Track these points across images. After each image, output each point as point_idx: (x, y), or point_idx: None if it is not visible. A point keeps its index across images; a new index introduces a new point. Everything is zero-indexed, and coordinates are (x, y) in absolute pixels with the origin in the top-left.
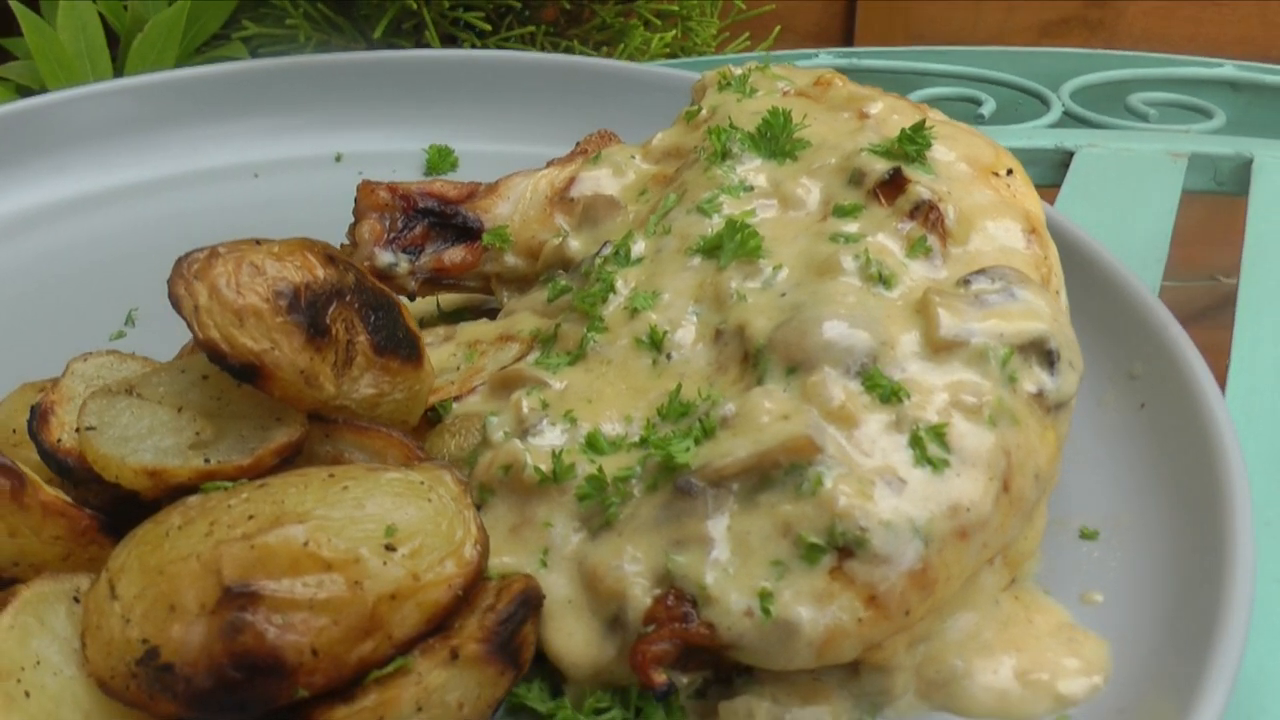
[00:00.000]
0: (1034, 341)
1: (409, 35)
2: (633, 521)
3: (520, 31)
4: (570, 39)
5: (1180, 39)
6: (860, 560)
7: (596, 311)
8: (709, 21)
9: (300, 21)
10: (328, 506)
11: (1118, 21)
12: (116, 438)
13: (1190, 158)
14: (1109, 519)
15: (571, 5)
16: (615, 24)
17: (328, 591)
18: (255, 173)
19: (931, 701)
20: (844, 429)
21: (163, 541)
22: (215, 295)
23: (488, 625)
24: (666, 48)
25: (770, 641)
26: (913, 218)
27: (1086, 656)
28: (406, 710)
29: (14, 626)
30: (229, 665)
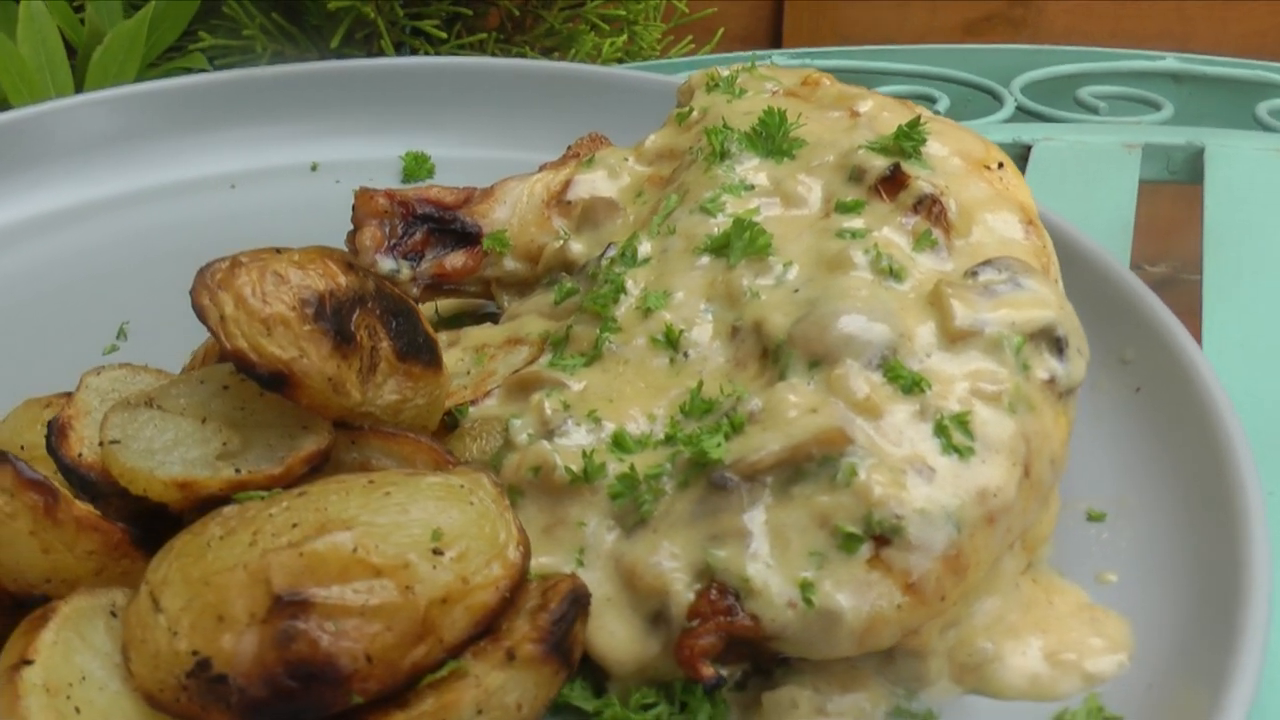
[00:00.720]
0: (1043, 329)
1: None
2: (668, 518)
3: (470, 40)
4: (519, 45)
5: (1101, 35)
6: (897, 548)
7: (609, 312)
8: (654, 26)
9: (256, 32)
10: (372, 512)
11: (1039, 19)
12: (142, 450)
13: (1144, 148)
14: (1114, 500)
15: (519, 11)
16: (563, 30)
17: (379, 597)
18: (232, 184)
19: (965, 684)
20: (871, 420)
21: (205, 553)
22: (241, 305)
23: (542, 625)
24: (618, 53)
25: (813, 631)
26: (916, 212)
27: (1110, 635)
28: (467, 713)
29: (57, 642)
30: (284, 674)
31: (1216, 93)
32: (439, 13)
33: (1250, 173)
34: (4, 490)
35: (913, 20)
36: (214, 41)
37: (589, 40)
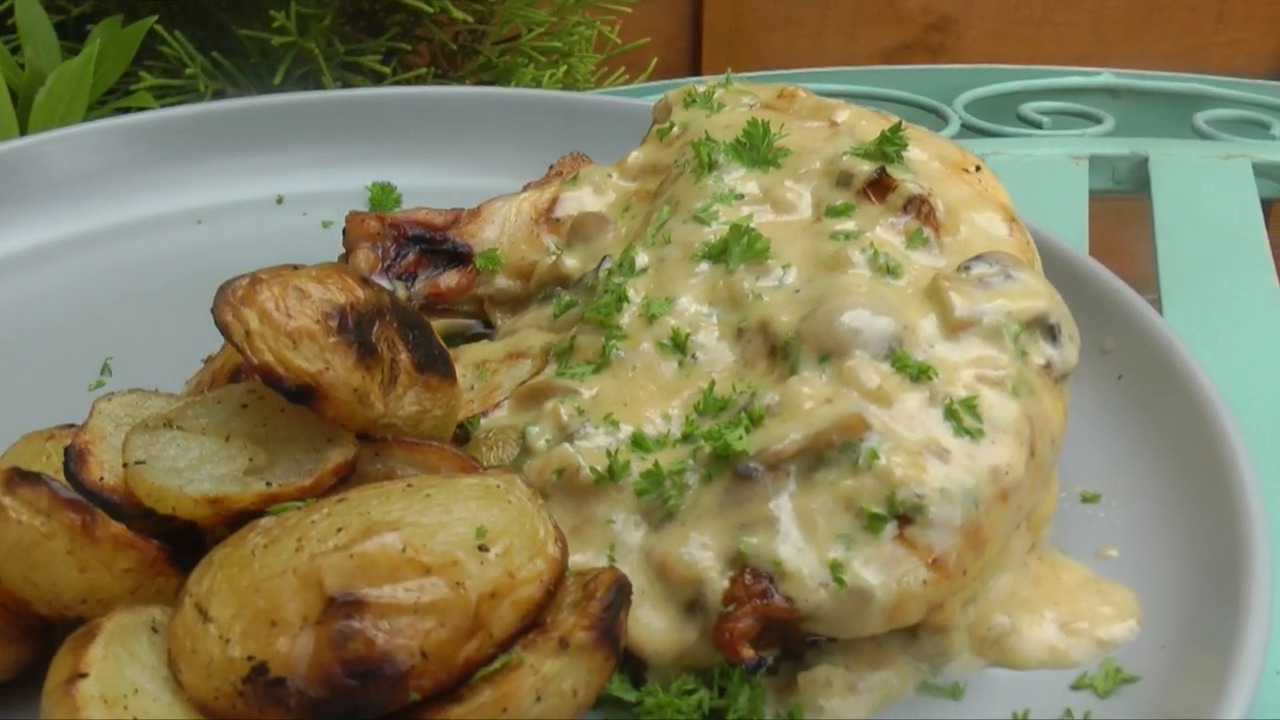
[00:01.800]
0: (1037, 318)
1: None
2: (695, 510)
3: (409, 75)
4: (459, 79)
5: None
6: (920, 526)
7: (613, 321)
8: (589, 57)
9: (198, 71)
10: (417, 513)
11: (958, 45)
12: (168, 470)
13: (1090, 160)
14: (1107, 482)
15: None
16: (499, 63)
17: (431, 595)
18: (198, 219)
19: (986, 657)
20: (884, 407)
21: (250, 562)
22: (266, 319)
23: (592, 613)
24: (557, 84)
25: (846, 609)
26: (906, 212)
27: (1118, 603)
28: (527, 701)
29: (107, 657)
30: (342, 673)
31: (1153, 106)
32: (379, 48)
33: (1195, 179)
34: (40, 511)
35: (830, 49)
36: (155, 81)
37: (528, 73)
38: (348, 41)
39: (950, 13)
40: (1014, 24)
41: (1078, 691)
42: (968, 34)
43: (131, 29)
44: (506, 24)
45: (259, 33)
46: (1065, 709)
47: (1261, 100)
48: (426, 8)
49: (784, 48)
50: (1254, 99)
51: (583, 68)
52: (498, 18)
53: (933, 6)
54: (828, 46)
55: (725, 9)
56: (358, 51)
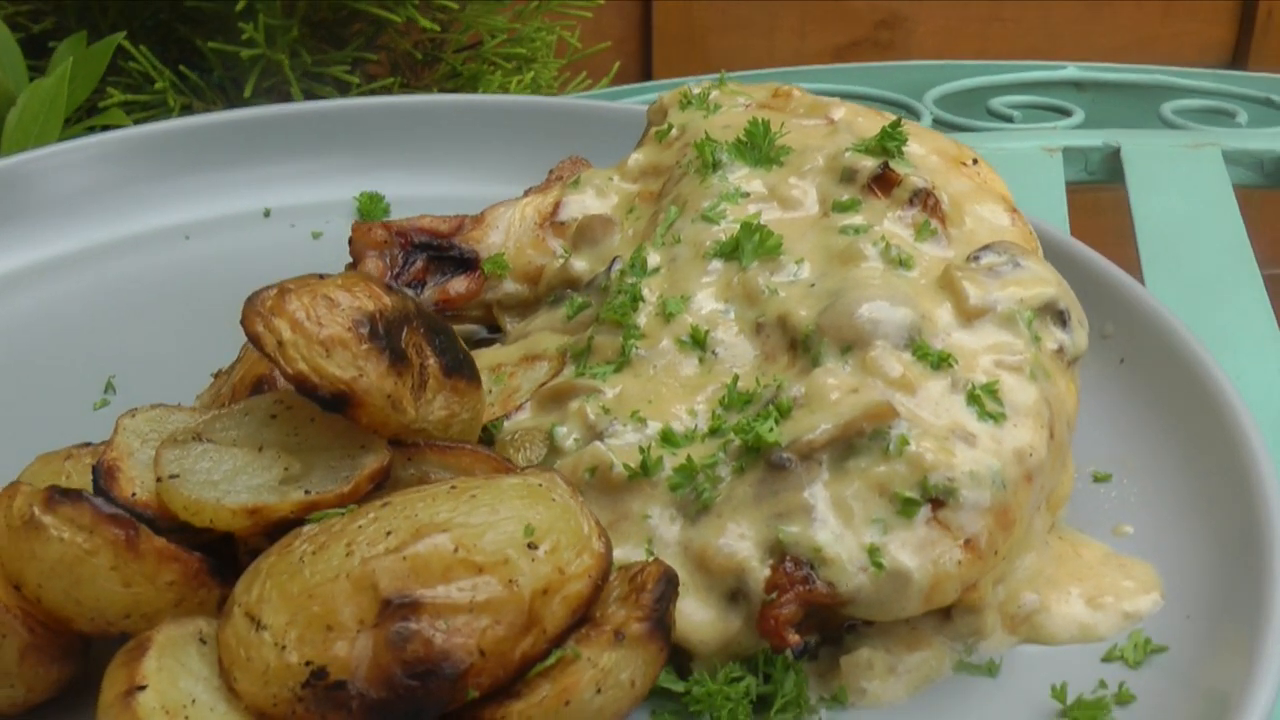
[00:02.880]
0: (1047, 304)
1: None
2: (730, 502)
3: (377, 85)
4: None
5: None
6: (952, 509)
7: (630, 320)
8: (552, 63)
9: (167, 86)
10: (464, 514)
11: (908, 42)
12: (203, 482)
13: (1063, 151)
14: (1117, 462)
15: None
16: (464, 70)
17: (485, 593)
18: (186, 234)
19: (1018, 634)
20: (908, 396)
21: (300, 568)
22: (298, 329)
23: (645, 604)
24: (525, 89)
25: (885, 592)
26: (912, 205)
27: (1139, 577)
28: (588, 694)
29: (161, 669)
30: (402, 674)
31: (1118, 98)
32: (345, 59)
33: (1167, 168)
34: (82, 528)
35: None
36: (123, 97)
37: (495, 80)
38: (314, 52)
39: (899, 9)
40: (963, 20)
41: (1109, 664)
42: (917, 31)
43: (100, 46)
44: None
45: (226, 45)
46: (1099, 680)
47: (1225, 90)
48: (394, 17)
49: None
50: (1217, 89)
51: (546, 73)
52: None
53: (881, 4)
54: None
55: (675, 12)
56: (324, 62)
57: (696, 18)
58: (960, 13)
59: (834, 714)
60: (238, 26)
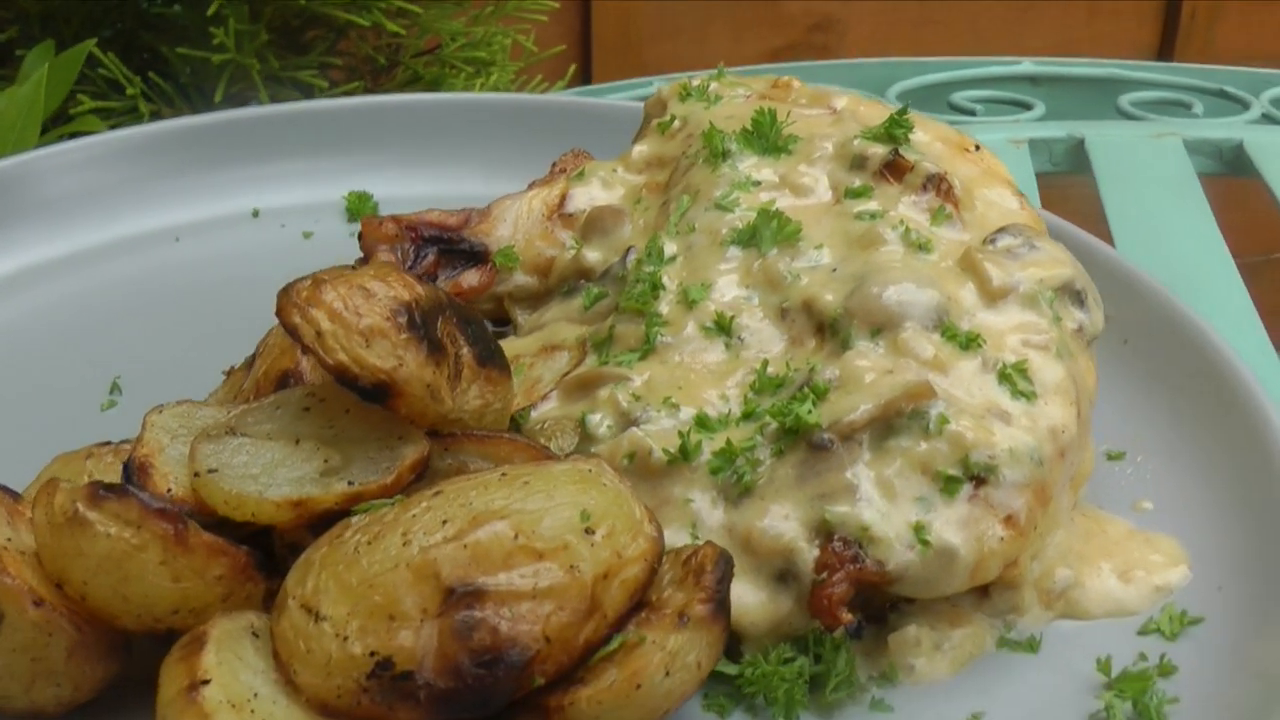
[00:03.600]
0: (1065, 284)
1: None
2: (772, 484)
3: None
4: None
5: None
6: (993, 486)
7: (651, 308)
8: (510, 66)
9: (138, 94)
10: (520, 501)
11: (840, 45)
12: (243, 476)
13: (1029, 143)
14: (1129, 440)
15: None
16: (426, 74)
17: (548, 579)
18: (176, 236)
19: (1054, 610)
20: (942, 375)
21: (356, 559)
22: (336, 319)
23: (708, 586)
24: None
25: (932, 570)
26: (925, 190)
27: (1166, 551)
28: (657, 677)
29: (221, 663)
30: (469, 663)
31: (1074, 91)
32: (311, 64)
33: (1131, 158)
34: (130, 523)
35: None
36: (94, 104)
37: (457, 83)
38: (280, 57)
39: (831, 13)
40: (894, 24)
41: (1145, 637)
42: (849, 34)
43: (71, 53)
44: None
45: (195, 51)
46: (1138, 654)
47: (1177, 82)
48: (361, 20)
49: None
50: (1171, 80)
51: (504, 77)
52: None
53: (814, 8)
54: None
55: (612, 21)
56: (291, 67)
57: (632, 26)
58: (891, 16)
59: (884, 692)
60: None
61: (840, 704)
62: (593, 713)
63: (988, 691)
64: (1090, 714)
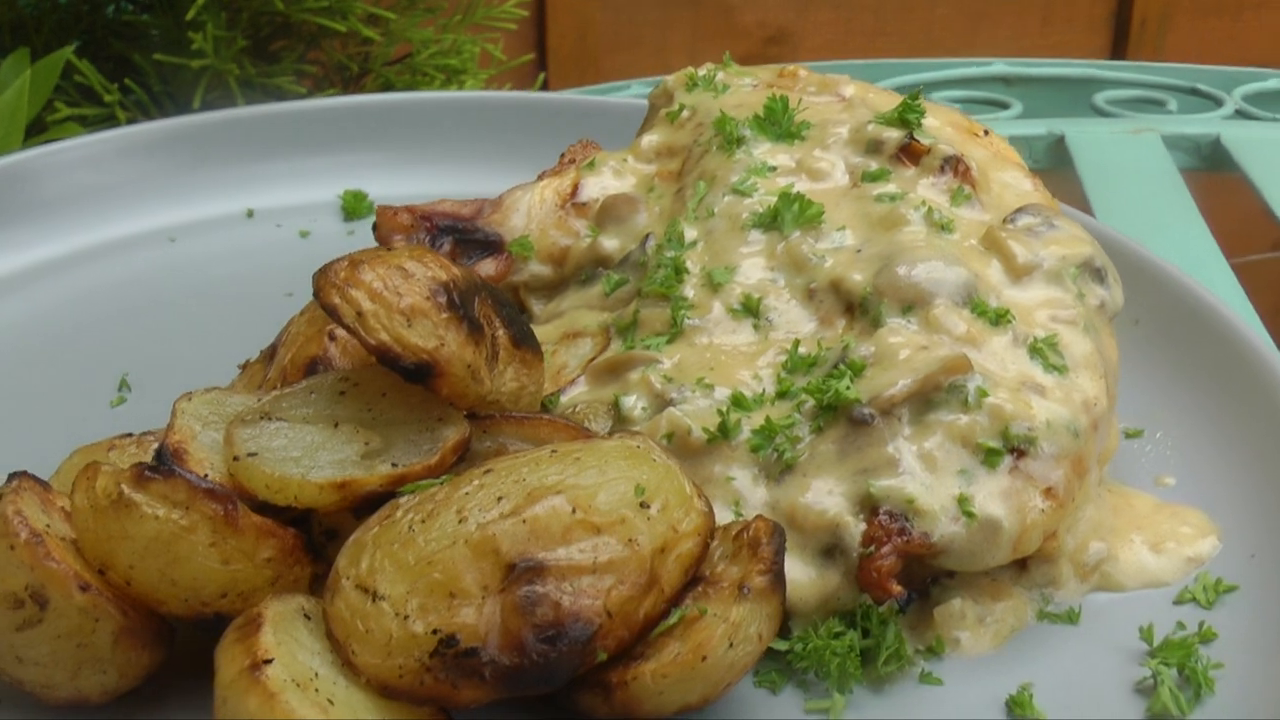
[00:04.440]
0: (1085, 261)
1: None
2: (814, 460)
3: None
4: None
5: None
6: (1033, 458)
7: (676, 292)
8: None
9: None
10: (574, 476)
11: (795, 57)
12: (284, 459)
13: (1009, 140)
14: (1146, 417)
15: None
16: (399, 82)
17: (607, 553)
18: (170, 237)
19: (1090, 583)
20: (975, 350)
21: (411, 538)
22: (377, 299)
23: (766, 557)
24: None
25: (977, 542)
26: (943, 172)
27: (1194, 523)
28: (721, 649)
29: (281, 643)
30: (533, 638)
31: (1047, 90)
32: (287, 70)
33: (1113, 153)
34: (178, 504)
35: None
36: (71, 111)
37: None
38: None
39: (786, 26)
40: (848, 35)
41: (1181, 606)
42: (804, 46)
43: (50, 60)
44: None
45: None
46: (1177, 622)
47: (1151, 80)
48: (338, 26)
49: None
50: (1143, 79)
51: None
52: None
53: (769, 20)
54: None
55: (569, 33)
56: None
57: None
58: (845, 28)
59: (931, 665)
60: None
61: (891, 677)
62: (657, 687)
63: (1033, 663)
64: (1136, 682)
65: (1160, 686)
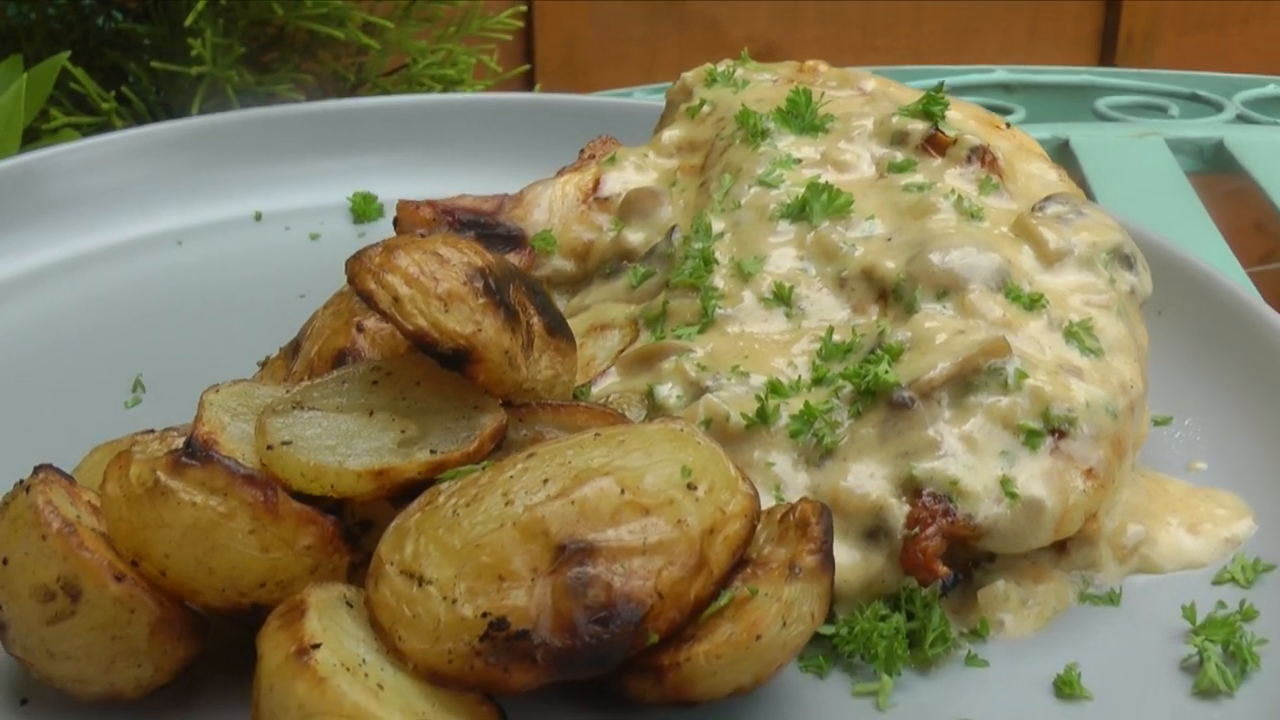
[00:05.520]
0: (1115, 248)
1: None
2: (854, 444)
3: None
4: None
5: None
6: (1073, 439)
7: (706, 282)
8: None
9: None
10: (620, 458)
11: None
12: (320, 447)
13: None
14: (1173, 405)
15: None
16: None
17: (656, 534)
18: (178, 240)
19: (1128, 565)
20: (1012, 334)
21: (456, 522)
22: (414, 284)
23: (816, 537)
24: None
25: (1020, 523)
26: (970, 163)
27: (1228, 505)
28: (775, 628)
29: (328, 628)
30: (585, 619)
31: (1049, 97)
32: (283, 79)
33: (1118, 157)
34: (216, 491)
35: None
36: (67, 119)
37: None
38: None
39: (774, 40)
40: (836, 49)
41: (1220, 586)
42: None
43: (45, 66)
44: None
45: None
46: (1217, 601)
47: (1151, 87)
48: (337, 33)
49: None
50: (1144, 86)
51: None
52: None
53: (757, 35)
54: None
55: (557, 46)
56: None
57: (577, 53)
58: (834, 42)
59: (976, 647)
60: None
61: (937, 660)
62: (710, 668)
63: (1076, 644)
64: (1181, 660)
65: (1206, 663)
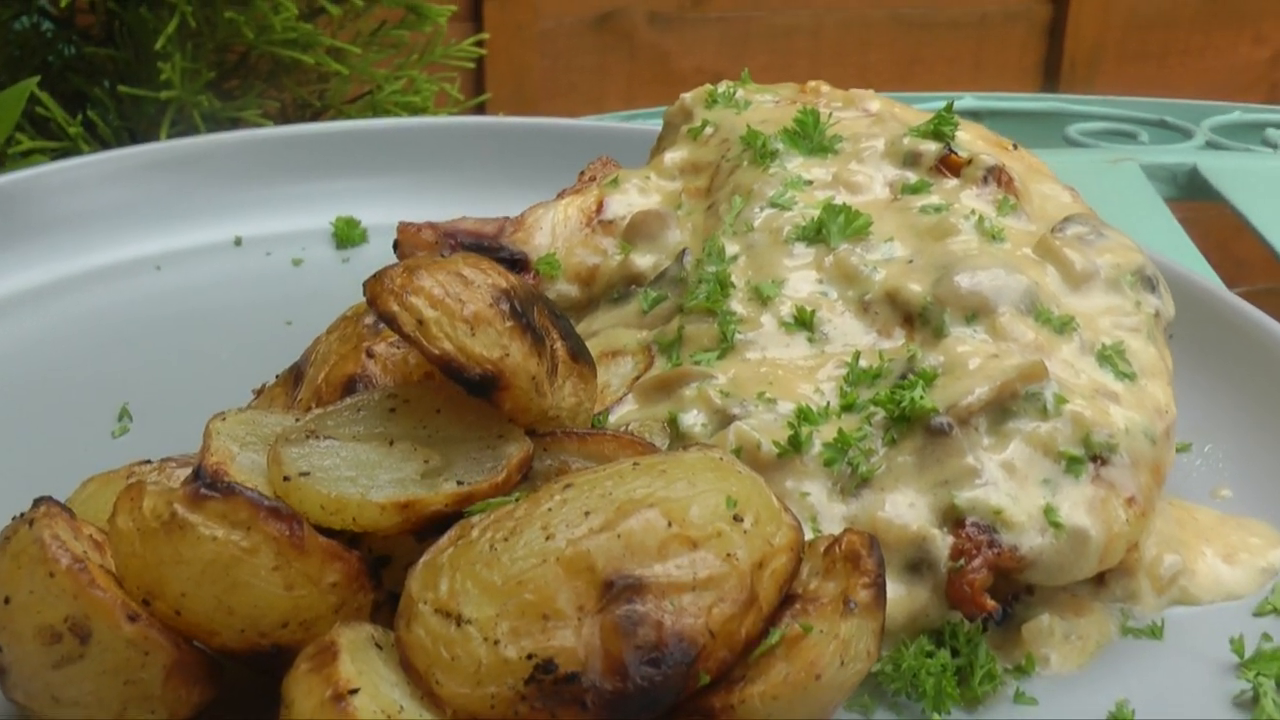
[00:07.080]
0: (1138, 269)
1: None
2: (890, 473)
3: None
4: None
5: None
6: (1115, 466)
7: (723, 306)
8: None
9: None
10: (663, 489)
11: None
12: (339, 478)
13: None
14: (1192, 432)
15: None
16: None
17: (706, 569)
18: (157, 265)
19: (1167, 596)
20: (1045, 358)
21: (494, 558)
22: (439, 306)
23: (869, 570)
24: None
25: (1065, 554)
26: (986, 183)
27: (1261, 534)
28: (833, 666)
29: (363, 672)
30: (636, 660)
31: (1018, 124)
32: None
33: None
34: (238, 525)
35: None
36: (34, 144)
37: None
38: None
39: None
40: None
41: (1263, 618)
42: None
43: (14, 91)
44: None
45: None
46: (1262, 633)
47: (1120, 114)
48: (306, 58)
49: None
50: (1110, 113)
51: None
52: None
53: (706, 66)
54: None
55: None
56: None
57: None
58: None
59: (1022, 684)
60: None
61: (985, 698)
62: (766, 710)
63: (1125, 679)
64: (1234, 695)
65: (1263, 698)
